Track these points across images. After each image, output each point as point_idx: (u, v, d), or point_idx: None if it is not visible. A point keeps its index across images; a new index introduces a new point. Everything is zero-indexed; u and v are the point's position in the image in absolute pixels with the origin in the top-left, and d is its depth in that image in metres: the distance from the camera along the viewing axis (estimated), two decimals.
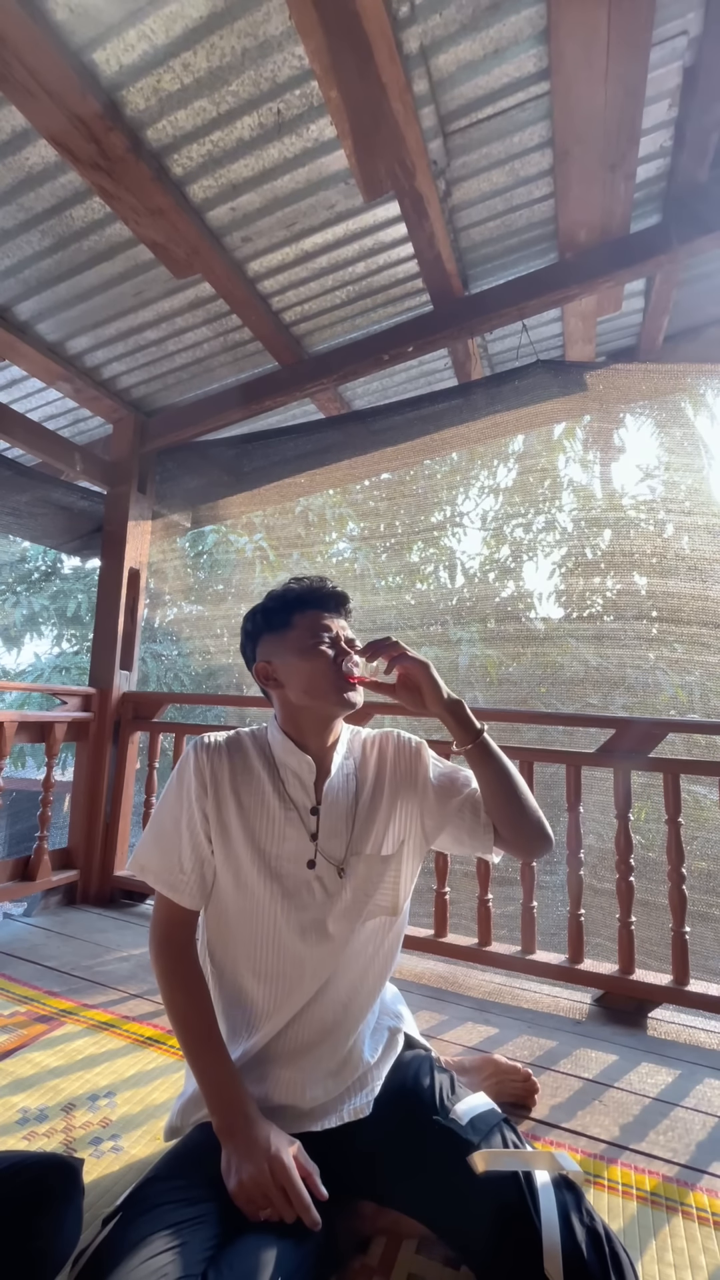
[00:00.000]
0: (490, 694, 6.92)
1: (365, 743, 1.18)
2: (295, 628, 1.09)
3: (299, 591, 1.13)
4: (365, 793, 1.11)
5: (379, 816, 1.08)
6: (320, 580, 1.16)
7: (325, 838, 1.05)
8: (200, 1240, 0.75)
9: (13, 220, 2.00)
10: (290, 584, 1.16)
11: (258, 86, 1.66)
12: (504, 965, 1.99)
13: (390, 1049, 1.06)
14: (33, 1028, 1.58)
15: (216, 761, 1.07)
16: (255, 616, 1.15)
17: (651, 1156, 1.21)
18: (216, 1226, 0.77)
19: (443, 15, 1.55)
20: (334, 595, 1.14)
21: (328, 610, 1.12)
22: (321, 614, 1.11)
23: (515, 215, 2.17)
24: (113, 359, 2.68)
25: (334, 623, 1.11)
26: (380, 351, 2.54)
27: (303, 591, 1.13)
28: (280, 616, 1.11)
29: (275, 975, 1.01)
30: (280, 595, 1.14)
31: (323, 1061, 0.99)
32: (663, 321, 2.72)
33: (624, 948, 1.88)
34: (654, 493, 7.64)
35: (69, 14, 1.47)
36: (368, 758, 1.15)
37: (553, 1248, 0.72)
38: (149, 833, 1.07)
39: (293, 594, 1.13)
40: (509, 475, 8.70)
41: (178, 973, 1.01)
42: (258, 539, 8.42)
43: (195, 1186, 0.82)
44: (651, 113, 1.86)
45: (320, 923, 1.01)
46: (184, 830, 1.04)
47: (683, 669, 6.29)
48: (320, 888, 1.02)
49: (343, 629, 1.13)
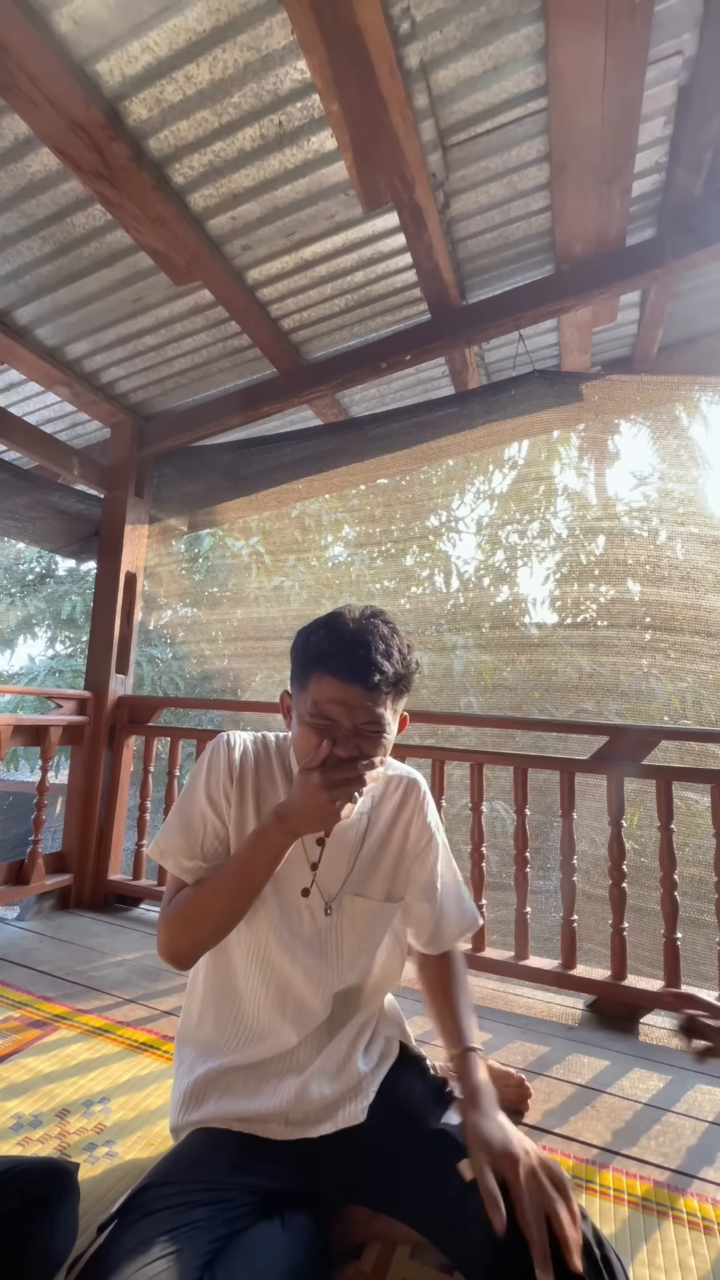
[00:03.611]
0: (485, 699, 6.94)
1: (390, 781, 1.10)
2: (307, 689, 0.92)
3: (321, 648, 0.91)
4: (374, 835, 1.07)
5: (383, 863, 1.07)
6: (357, 636, 0.90)
7: (324, 869, 1.04)
8: (196, 1246, 0.75)
9: (14, 226, 2.01)
10: (326, 624, 0.94)
11: (259, 99, 1.68)
12: (497, 970, 2.00)
13: (386, 1056, 1.06)
14: (26, 1033, 1.57)
15: (245, 758, 1.05)
16: (295, 643, 0.98)
17: (643, 1162, 1.22)
18: (213, 1232, 0.78)
19: (443, 32, 1.57)
20: (366, 668, 0.87)
21: (346, 681, 0.88)
22: (338, 688, 0.89)
23: (513, 227, 2.20)
24: (111, 364, 2.68)
25: (349, 703, 0.89)
26: (378, 359, 2.56)
27: (325, 649, 0.91)
28: (299, 666, 0.95)
29: (266, 986, 1.01)
30: (305, 641, 0.95)
31: (317, 1071, 0.99)
32: (657, 333, 2.76)
33: (616, 953, 1.90)
34: (648, 500, 7.69)
35: (73, 25, 1.49)
36: (387, 798, 1.09)
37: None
38: (172, 818, 1.04)
39: (314, 649, 0.92)
40: (504, 481, 8.74)
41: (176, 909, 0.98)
42: (254, 543, 8.43)
43: (191, 1191, 0.82)
44: (647, 129, 1.89)
45: (311, 950, 1.01)
46: (210, 819, 1.01)
47: (676, 676, 6.33)
48: (310, 917, 1.02)
49: (365, 711, 0.89)
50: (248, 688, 8.15)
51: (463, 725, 4.46)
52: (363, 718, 0.89)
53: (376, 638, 0.90)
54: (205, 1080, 0.99)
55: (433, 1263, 0.94)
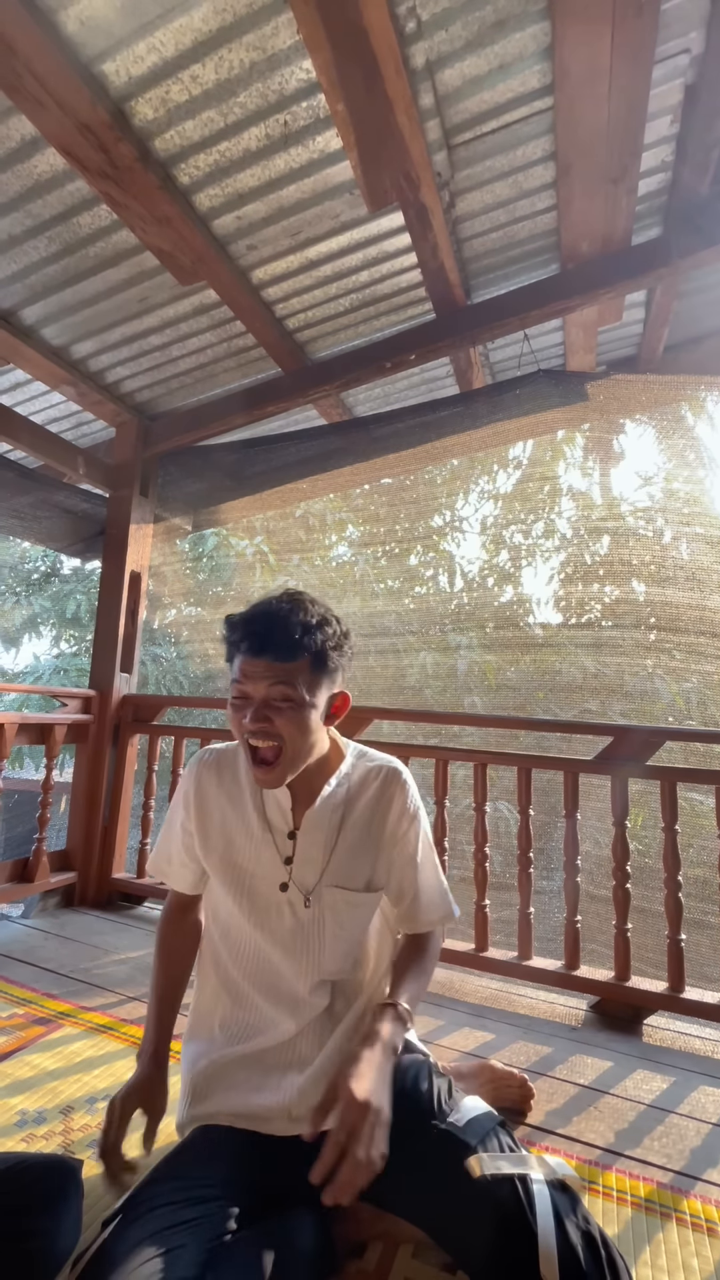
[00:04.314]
0: (489, 699, 6.93)
1: (369, 772, 1.11)
2: (231, 671, 0.98)
3: (229, 626, 0.99)
4: (351, 825, 1.07)
5: (362, 853, 1.07)
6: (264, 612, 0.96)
7: (300, 864, 1.05)
8: (199, 1242, 0.75)
9: (20, 226, 2.02)
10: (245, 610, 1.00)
11: (265, 99, 1.68)
12: (500, 971, 2.00)
13: None
14: (31, 1030, 1.58)
15: (205, 776, 1.11)
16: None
17: (646, 1163, 1.22)
18: (216, 1228, 0.78)
19: (449, 31, 1.57)
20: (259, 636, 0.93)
21: (246, 653, 0.94)
22: (244, 661, 0.94)
23: (518, 227, 2.20)
24: (117, 363, 2.69)
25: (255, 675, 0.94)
26: (383, 359, 2.56)
27: (236, 631, 0.97)
28: (226, 651, 1.00)
29: (257, 979, 1.04)
30: (228, 622, 1.01)
31: (319, 1065, 1.00)
32: (663, 332, 2.75)
33: (620, 954, 1.89)
34: (653, 500, 7.66)
35: (80, 26, 1.49)
36: (365, 789, 1.09)
37: (548, 1251, 0.73)
38: (160, 840, 1.17)
39: (229, 633, 0.99)
40: (509, 481, 8.73)
41: (160, 939, 1.17)
42: (258, 542, 8.43)
43: (195, 1188, 0.83)
44: (654, 128, 1.88)
45: (295, 943, 1.03)
46: (170, 835, 1.14)
47: (680, 676, 6.31)
48: (290, 912, 1.04)
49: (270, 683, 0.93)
50: None
51: (466, 725, 4.46)
52: (269, 687, 0.93)
53: (280, 613, 0.95)
54: (209, 1074, 1.00)
55: (435, 1263, 0.94)
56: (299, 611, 0.97)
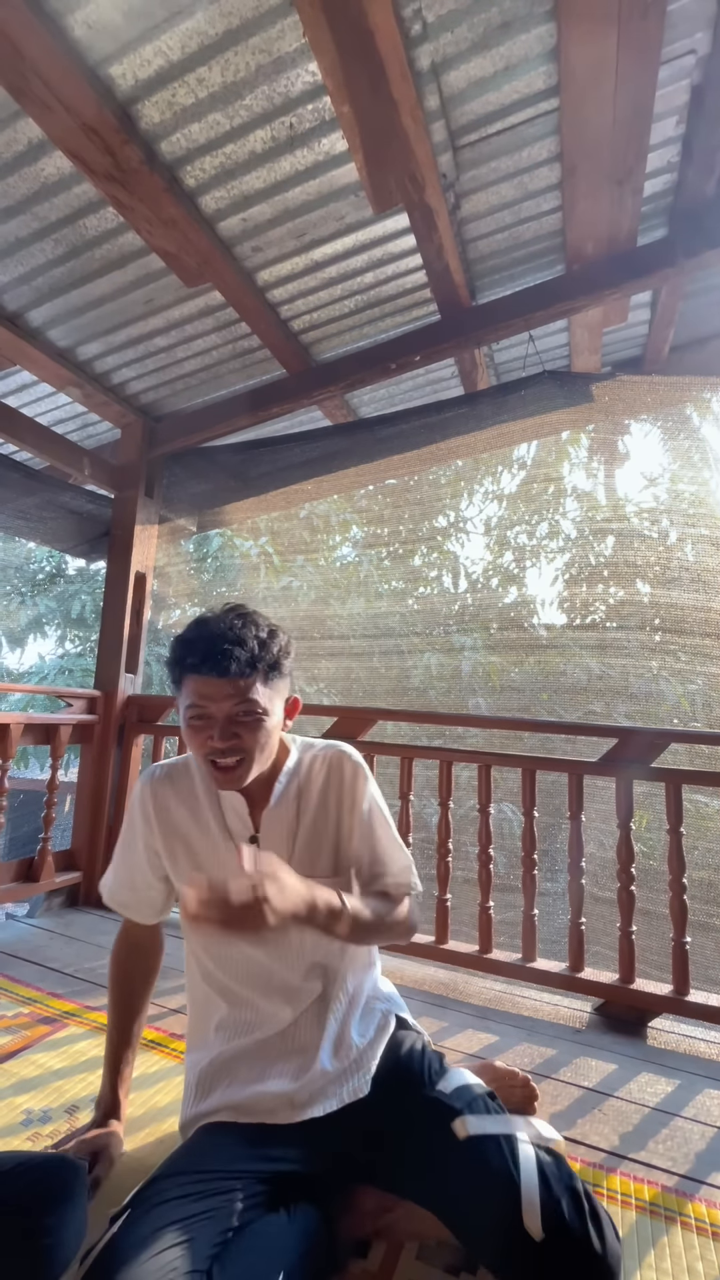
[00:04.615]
0: (493, 700, 6.92)
1: (315, 760, 1.12)
2: (180, 692, 0.98)
3: (178, 649, 0.97)
4: (308, 816, 1.09)
5: (324, 840, 1.09)
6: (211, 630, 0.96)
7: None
8: (207, 1235, 0.76)
9: (27, 229, 2.03)
10: (187, 629, 1.00)
11: (271, 101, 1.69)
12: (504, 973, 2.00)
13: (383, 1030, 1.09)
14: (36, 1029, 1.59)
15: (162, 792, 1.11)
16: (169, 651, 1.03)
17: (651, 1166, 1.21)
18: (222, 1222, 0.79)
19: (454, 33, 1.57)
20: (218, 657, 0.93)
21: (205, 675, 0.94)
22: (200, 683, 0.95)
23: (523, 228, 2.19)
24: (122, 365, 2.70)
25: (215, 694, 0.94)
26: (388, 360, 2.56)
27: (184, 650, 0.97)
28: (171, 675, 1.00)
29: (253, 982, 1.05)
30: (170, 648, 1.00)
31: (319, 1049, 1.02)
32: (668, 333, 2.74)
33: (624, 957, 1.89)
34: (658, 501, 7.64)
35: (87, 30, 1.50)
36: (314, 778, 1.11)
37: (531, 1202, 0.76)
38: (114, 856, 1.17)
39: (176, 654, 0.98)
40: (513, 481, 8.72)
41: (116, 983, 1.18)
42: (262, 543, 8.45)
43: (201, 1181, 0.84)
44: (659, 129, 1.88)
45: (278, 938, 1.03)
46: (131, 861, 1.13)
47: (686, 678, 6.29)
48: None
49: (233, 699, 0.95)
50: None
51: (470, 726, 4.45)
52: (233, 705, 0.95)
53: (228, 629, 0.96)
54: (211, 1073, 1.02)
55: (440, 1264, 0.94)
56: (250, 627, 0.99)
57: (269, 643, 0.99)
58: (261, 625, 1.01)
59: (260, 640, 0.98)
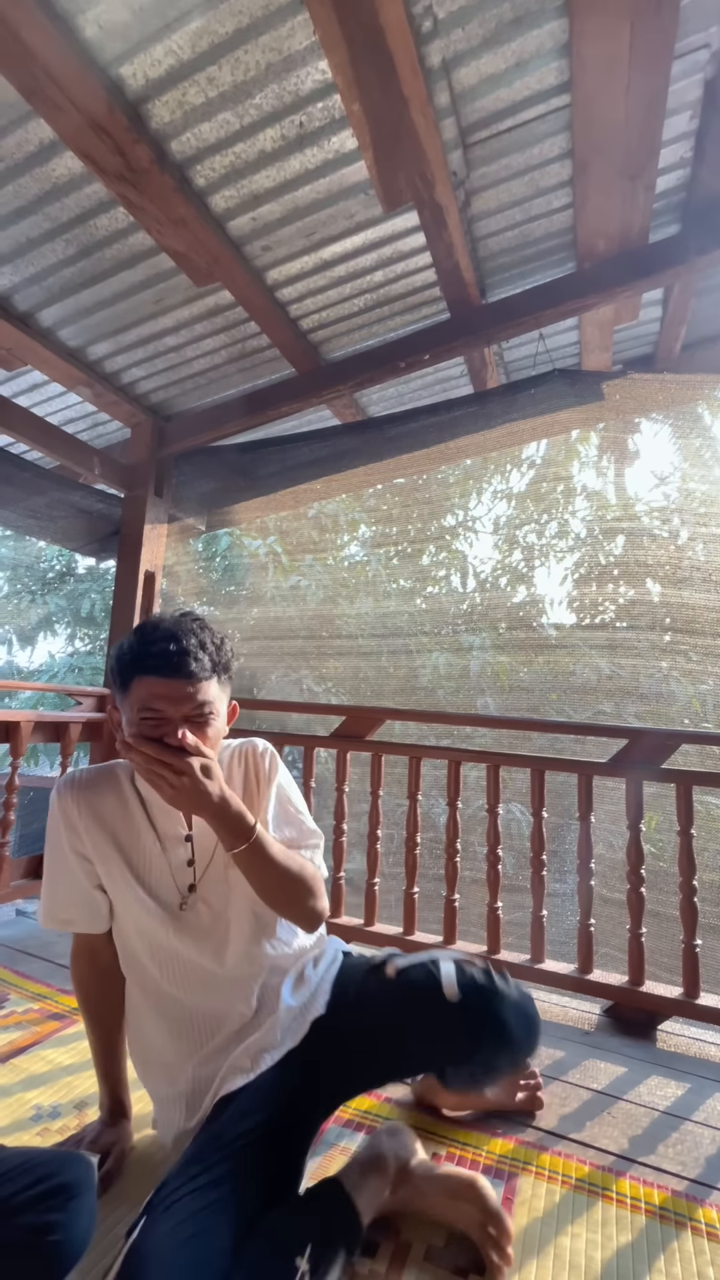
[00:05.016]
0: (501, 700, 6.90)
1: (233, 755, 1.15)
2: (129, 694, 0.96)
3: (135, 651, 0.96)
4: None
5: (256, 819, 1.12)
6: (168, 633, 0.96)
7: (201, 862, 1.09)
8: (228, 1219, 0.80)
9: (38, 230, 2.04)
10: (136, 632, 1.00)
11: (281, 100, 1.68)
12: (513, 973, 1.98)
13: (335, 961, 1.19)
14: (46, 1025, 1.60)
15: (85, 799, 1.08)
16: (111, 656, 1.02)
17: (660, 1171, 1.20)
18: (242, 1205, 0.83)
19: (465, 30, 1.56)
20: (175, 657, 0.94)
21: (167, 676, 0.95)
22: (159, 684, 0.95)
23: (534, 225, 2.18)
24: (132, 364, 2.71)
25: (173, 695, 0.95)
26: (397, 359, 2.55)
27: (139, 652, 0.96)
28: (118, 676, 0.98)
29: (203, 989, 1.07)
30: (119, 651, 0.99)
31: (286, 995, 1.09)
32: (680, 331, 2.72)
33: (634, 959, 1.88)
34: (669, 500, 7.58)
35: (98, 30, 1.50)
36: (233, 773, 1.13)
37: (449, 980, 1.02)
38: (43, 881, 1.13)
39: (129, 655, 0.97)
40: (522, 480, 8.68)
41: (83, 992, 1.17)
42: (271, 542, 8.45)
43: (211, 1166, 0.86)
44: (672, 124, 1.86)
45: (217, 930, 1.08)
46: (66, 877, 1.09)
47: (696, 678, 6.24)
48: (205, 907, 1.08)
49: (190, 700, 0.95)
50: (264, 686, 8.18)
51: (479, 726, 4.43)
52: (189, 706, 0.96)
53: (185, 632, 0.97)
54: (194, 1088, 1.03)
55: (448, 1265, 0.94)
56: (205, 631, 1.01)
57: (223, 646, 1.03)
58: (212, 629, 1.04)
59: (215, 644, 1.01)
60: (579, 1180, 1.15)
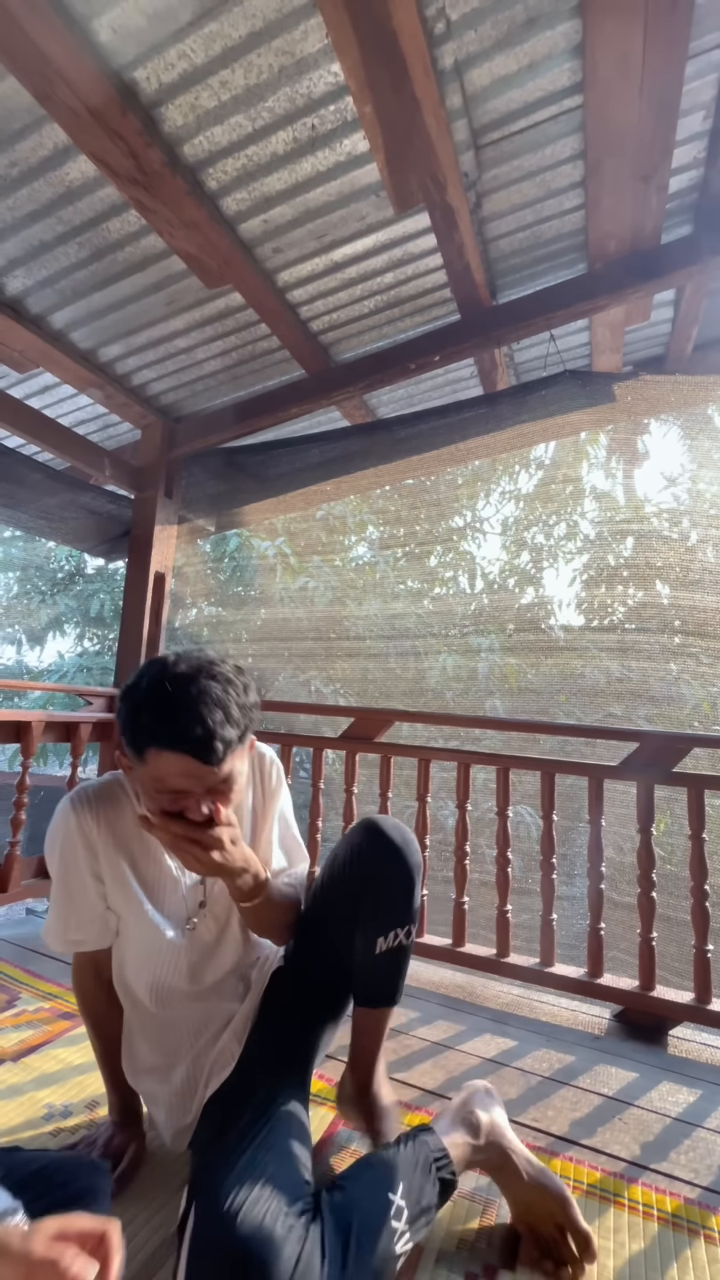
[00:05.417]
0: (510, 702, 6.88)
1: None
2: (145, 762, 0.86)
3: (151, 722, 0.84)
4: (244, 823, 1.15)
5: (259, 841, 1.16)
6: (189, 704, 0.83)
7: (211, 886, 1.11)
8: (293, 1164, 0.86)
9: (51, 233, 2.05)
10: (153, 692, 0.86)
11: (293, 102, 1.69)
12: (522, 977, 1.98)
13: None
14: (57, 1024, 1.61)
15: (104, 818, 1.04)
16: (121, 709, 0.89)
17: (673, 1178, 1.19)
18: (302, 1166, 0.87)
19: (478, 31, 1.56)
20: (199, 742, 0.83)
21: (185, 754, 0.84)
22: (179, 761, 0.84)
23: (545, 226, 2.17)
24: (143, 366, 2.72)
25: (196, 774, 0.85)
26: (407, 360, 2.55)
27: (157, 725, 0.84)
28: (129, 737, 0.87)
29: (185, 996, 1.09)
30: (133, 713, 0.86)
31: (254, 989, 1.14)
32: (692, 331, 2.70)
33: (644, 963, 1.86)
34: (678, 501, 7.55)
35: (112, 34, 1.51)
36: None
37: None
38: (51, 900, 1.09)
39: (145, 725, 0.85)
40: (530, 481, 8.66)
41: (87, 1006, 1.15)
42: (279, 543, 8.47)
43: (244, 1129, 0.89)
44: (685, 124, 1.85)
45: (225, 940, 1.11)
46: (80, 898, 1.06)
47: (707, 681, 6.20)
48: (213, 921, 1.11)
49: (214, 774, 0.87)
50: (271, 687, 8.20)
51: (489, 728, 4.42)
52: (214, 780, 0.88)
53: (210, 703, 0.85)
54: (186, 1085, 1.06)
55: (460, 1270, 0.94)
56: (229, 693, 0.88)
57: (249, 707, 0.91)
58: (237, 683, 0.91)
59: (245, 710, 0.90)
60: (591, 1186, 1.15)
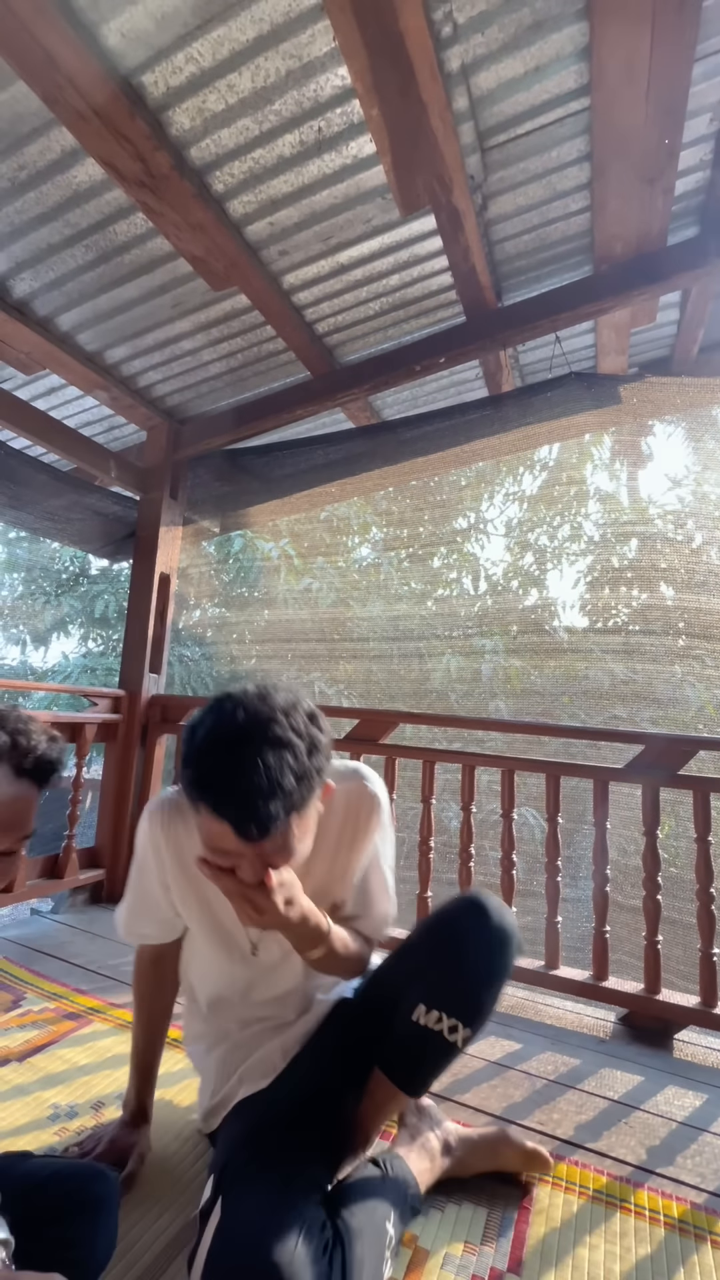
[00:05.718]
0: (514, 704, 6.87)
1: (337, 794, 1.02)
2: (199, 813, 0.84)
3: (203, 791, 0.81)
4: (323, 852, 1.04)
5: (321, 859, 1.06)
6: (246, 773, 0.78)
7: None
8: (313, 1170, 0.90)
9: (59, 235, 2.06)
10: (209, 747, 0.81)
11: (300, 106, 1.69)
12: (527, 979, 1.98)
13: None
14: (62, 1024, 1.61)
15: (173, 837, 1.05)
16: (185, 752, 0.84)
17: (679, 1182, 1.19)
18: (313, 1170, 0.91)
19: (485, 34, 1.56)
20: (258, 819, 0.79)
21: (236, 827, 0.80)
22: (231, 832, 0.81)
23: (551, 229, 2.18)
24: (149, 368, 2.73)
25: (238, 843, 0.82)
26: (412, 362, 2.55)
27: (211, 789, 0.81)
28: (186, 780, 0.83)
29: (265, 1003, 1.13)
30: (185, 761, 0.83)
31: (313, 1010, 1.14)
32: (698, 334, 2.70)
33: (650, 967, 1.86)
34: (683, 503, 7.53)
35: (120, 39, 1.52)
36: (334, 811, 1.03)
37: None
38: (126, 890, 1.16)
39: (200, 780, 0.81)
40: (534, 483, 8.66)
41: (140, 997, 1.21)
42: (283, 545, 8.48)
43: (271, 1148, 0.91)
44: (691, 127, 1.85)
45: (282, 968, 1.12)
46: (147, 899, 1.12)
47: (712, 683, 6.18)
48: (277, 944, 1.09)
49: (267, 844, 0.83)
50: None
51: (493, 730, 4.41)
52: (262, 850, 0.84)
53: (259, 772, 0.78)
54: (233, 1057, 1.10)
55: (467, 1275, 0.93)
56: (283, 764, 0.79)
57: (308, 776, 0.83)
58: (298, 745, 0.82)
59: (300, 775, 0.81)
60: (597, 1191, 1.14)
